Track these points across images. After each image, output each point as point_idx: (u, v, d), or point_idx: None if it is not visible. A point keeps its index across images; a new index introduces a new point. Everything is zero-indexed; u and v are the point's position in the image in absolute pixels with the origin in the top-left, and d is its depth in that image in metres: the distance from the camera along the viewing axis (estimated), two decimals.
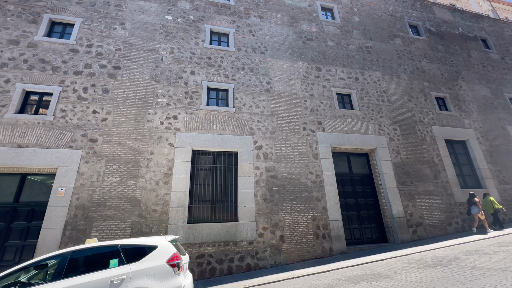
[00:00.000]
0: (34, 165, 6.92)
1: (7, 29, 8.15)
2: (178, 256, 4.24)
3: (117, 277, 3.79)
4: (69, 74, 8.09)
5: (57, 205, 6.67)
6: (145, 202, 7.19)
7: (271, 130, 9.08)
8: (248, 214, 7.73)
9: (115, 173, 7.28)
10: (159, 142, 7.92)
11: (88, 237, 6.54)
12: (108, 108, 7.95)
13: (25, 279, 3.94)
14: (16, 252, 6.52)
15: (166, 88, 8.70)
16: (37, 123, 7.31)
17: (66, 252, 4.00)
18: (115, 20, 9.26)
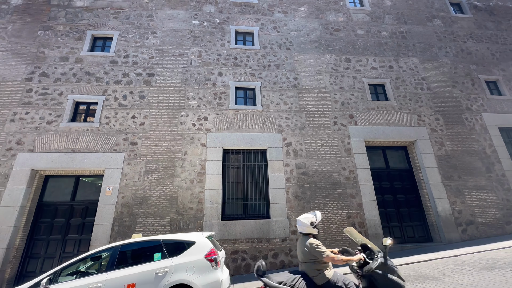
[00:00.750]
0: (86, 167, 7.72)
1: (58, 48, 9.17)
2: (215, 251, 4.41)
3: (161, 269, 4.06)
4: (110, 83, 8.83)
5: (106, 203, 7.36)
6: (182, 200, 7.58)
7: (300, 126, 8.93)
8: (280, 212, 7.72)
9: (153, 173, 7.80)
10: (192, 142, 8.28)
11: (133, 232, 7.11)
12: (145, 113, 8.53)
13: (84, 268, 4.42)
14: (74, 244, 7.36)
15: (196, 90, 9.05)
16: (86, 130, 8.12)
17: (117, 246, 4.40)
18: (147, 30, 9.86)
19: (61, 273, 4.16)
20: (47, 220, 7.53)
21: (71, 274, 4.26)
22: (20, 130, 7.89)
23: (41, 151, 7.72)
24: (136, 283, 3.93)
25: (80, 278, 4.11)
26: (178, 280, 3.96)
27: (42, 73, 8.70)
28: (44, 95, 8.42)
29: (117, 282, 3.93)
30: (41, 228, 7.46)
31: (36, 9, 9.71)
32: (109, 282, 3.94)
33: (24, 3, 9.75)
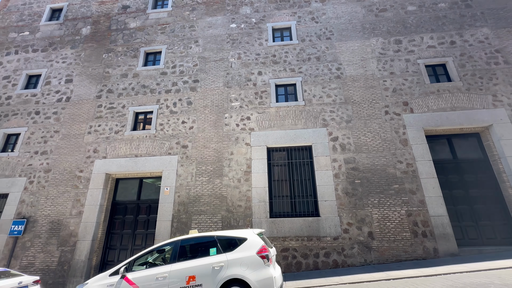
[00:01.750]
0: (147, 170, 8.65)
1: (119, 66, 10.47)
2: (266, 248, 4.47)
3: (217, 264, 4.31)
4: (162, 93, 9.71)
5: (165, 202, 8.14)
6: (231, 198, 7.91)
7: (347, 119, 8.42)
8: (329, 209, 7.43)
9: (204, 174, 8.31)
10: (236, 142, 8.56)
11: (189, 228, 7.71)
12: (193, 118, 9.14)
13: (151, 259, 4.97)
14: (142, 238, 8.33)
15: (237, 92, 9.31)
16: (145, 137, 9.10)
17: (177, 240, 4.83)
18: (190, 40, 10.53)
19: (134, 263, 4.75)
20: (119, 217, 8.70)
21: (141, 264, 4.83)
22: (95, 140, 9.28)
23: (112, 157, 8.94)
24: (196, 275, 4.25)
25: (149, 268, 4.63)
26: (233, 274, 4.14)
27: (108, 90, 10.06)
28: (111, 109, 9.72)
29: (180, 273, 4.30)
30: (116, 223, 8.65)
31: (100, 35, 11.27)
32: (173, 273, 4.34)
33: (91, 32, 11.41)
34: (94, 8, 11.96)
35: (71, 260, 7.81)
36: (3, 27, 12.18)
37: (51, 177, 8.91)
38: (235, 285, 4.17)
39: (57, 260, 7.88)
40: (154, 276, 4.39)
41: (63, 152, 9.23)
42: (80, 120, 9.66)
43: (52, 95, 10.27)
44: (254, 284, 4.06)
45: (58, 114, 9.87)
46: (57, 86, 10.39)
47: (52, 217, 8.39)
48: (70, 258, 7.84)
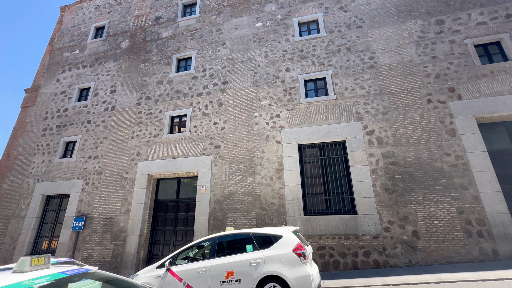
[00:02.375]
0: (184, 170, 9.16)
1: (154, 74, 11.22)
2: (302, 246, 4.44)
3: (254, 260, 4.40)
4: (194, 97, 10.17)
5: (201, 200, 8.54)
6: (264, 196, 7.99)
7: (383, 110, 7.92)
8: (367, 206, 7.08)
9: (237, 172, 8.52)
10: (267, 141, 8.61)
11: (225, 225, 7.98)
12: (224, 118, 9.41)
13: (192, 254, 5.26)
14: (182, 234, 8.86)
15: (266, 90, 9.34)
16: (180, 139, 9.64)
17: (215, 237, 5.05)
18: (218, 43, 10.84)
19: (177, 257, 5.09)
20: (162, 214, 9.37)
21: (183, 258, 5.15)
22: (137, 144, 10.10)
23: (153, 159, 9.65)
24: (234, 270, 4.40)
25: (191, 263, 4.92)
26: (270, 271, 4.20)
27: (146, 97, 10.86)
28: (149, 114, 10.47)
29: (219, 268, 4.50)
30: (159, 220, 9.33)
31: (137, 47, 12.19)
32: (213, 267, 4.56)
33: (130, 44, 12.40)
34: (130, 22, 12.98)
35: (123, 253, 8.64)
36: (59, 49, 13.87)
37: (102, 178, 9.94)
38: (272, 282, 4.22)
39: (111, 253, 8.78)
40: (196, 270, 4.65)
41: (111, 156, 10.23)
42: (124, 126, 10.60)
43: (100, 105, 11.42)
44: (292, 282, 4.07)
45: (106, 122, 10.95)
46: (103, 97, 11.53)
47: (105, 215, 9.36)
48: (122, 251, 8.67)
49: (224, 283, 4.39)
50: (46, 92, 12.79)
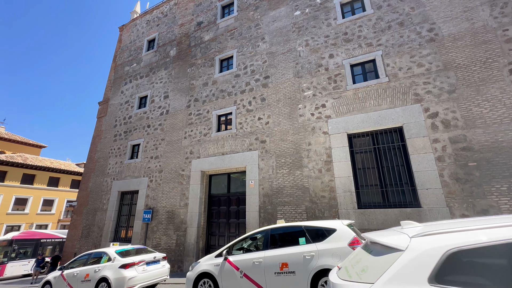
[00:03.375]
0: (232, 166, 9.57)
1: (200, 77, 11.92)
2: (359, 240, 4.22)
3: (308, 253, 4.37)
4: (238, 94, 10.47)
5: (251, 194, 8.81)
6: (313, 189, 7.82)
7: (449, 89, 6.88)
8: (434, 199, 6.30)
9: (284, 166, 8.52)
10: (313, 132, 8.35)
11: (276, 219, 8.09)
12: (268, 113, 9.46)
13: (246, 245, 5.50)
14: (235, 227, 9.32)
15: (309, 80, 9.04)
16: (227, 136, 10.07)
17: (267, 229, 5.17)
18: (257, 38, 10.88)
19: (233, 248, 5.39)
20: (215, 208, 10.00)
21: (239, 249, 5.43)
22: (190, 143, 10.94)
23: (204, 157, 10.34)
24: (288, 262, 4.45)
25: (245, 253, 5.16)
26: (325, 265, 4.12)
27: (194, 99, 11.63)
28: (199, 115, 11.21)
29: (274, 260, 4.60)
30: (213, 213, 9.99)
31: (183, 53, 13.10)
32: (267, 258, 4.69)
33: (177, 52, 13.40)
34: (176, 31, 13.99)
35: (184, 242, 9.55)
36: (120, 64, 15.85)
37: (163, 176, 11.10)
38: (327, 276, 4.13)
39: (175, 242, 9.79)
40: (251, 261, 4.86)
41: (169, 155, 11.32)
42: (177, 128, 11.59)
43: (156, 110, 12.70)
44: None
45: (162, 125, 12.14)
46: (159, 103, 12.78)
47: (168, 208, 10.45)
48: (184, 241, 9.59)
49: (279, 274, 4.47)
50: (114, 103, 14.81)
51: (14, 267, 15.20)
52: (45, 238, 17.07)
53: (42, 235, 17.12)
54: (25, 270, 15.56)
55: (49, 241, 17.19)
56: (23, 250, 15.90)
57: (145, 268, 6.51)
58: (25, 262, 15.65)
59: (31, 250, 16.16)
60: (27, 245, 16.14)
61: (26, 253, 15.97)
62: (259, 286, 4.64)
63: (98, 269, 6.38)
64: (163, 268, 6.99)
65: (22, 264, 15.53)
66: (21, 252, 15.81)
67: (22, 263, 15.56)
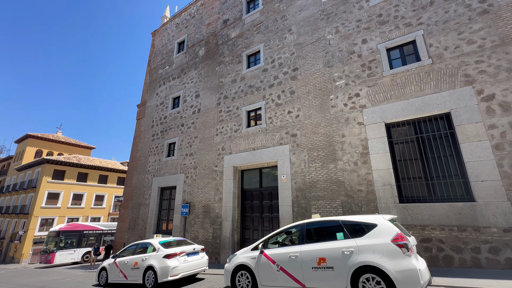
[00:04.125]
0: (264, 161, 9.61)
1: (228, 74, 12.09)
2: (403, 236, 3.95)
3: (346, 248, 4.21)
4: (266, 89, 10.41)
5: (283, 188, 8.77)
6: (349, 183, 7.49)
7: (508, 66, 6.00)
8: (490, 192, 5.61)
9: (316, 159, 8.30)
10: (347, 124, 7.97)
11: (309, 213, 7.96)
12: (298, 106, 9.26)
13: (281, 239, 5.50)
14: (269, 221, 9.39)
15: (340, 69, 8.61)
16: (257, 131, 10.11)
17: (302, 224, 5.10)
18: (284, 30, 10.65)
19: (268, 241, 5.43)
20: (248, 202, 10.18)
21: (274, 243, 5.45)
22: (222, 140, 11.23)
23: (235, 152, 10.54)
24: (326, 257, 4.34)
25: (281, 247, 5.16)
26: (366, 261, 3.93)
27: (224, 97, 11.87)
28: (229, 112, 11.42)
29: (310, 254, 4.53)
30: (246, 208, 10.18)
31: (212, 52, 13.40)
32: (304, 253, 4.63)
33: (206, 51, 13.76)
34: (204, 31, 14.34)
35: (220, 235, 9.91)
36: (154, 68, 16.80)
37: (198, 172, 11.59)
38: (369, 273, 3.94)
39: (211, 235, 10.22)
40: (287, 255, 4.85)
41: (202, 152, 11.76)
42: (209, 126, 11.96)
43: (189, 109, 13.24)
44: (394, 275, 3.68)
45: (195, 123, 12.63)
46: (191, 102, 13.30)
47: (203, 203, 10.92)
48: (219, 234, 9.96)
49: (317, 269, 4.40)
50: (150, 105, 15.81)
51: (62, 255, 17.26)
52: (87, 230, 19.05)
53: (84, 227, 19.16)
54: (72, 259, 17.65)
55: (90, 232, 19.14)
56: (69, 241, 17.94)
57: (186, 258, 6.90)
58: (71, 252, 17.71)
59: (76, 240, 18.17)
60: (72, 236, 18.17)
61: (72, 243, 18.01)
62: (296, 280, 4.62)
63: (145, 258, 6.94)
64: (202, 259, 7.34)
65: (69, 253, 17.58)
66: (68, 242, 17.86)
67: (69, 252, 17.62)
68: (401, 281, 3.65)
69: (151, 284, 6.56)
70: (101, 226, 19.93)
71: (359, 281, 3.96)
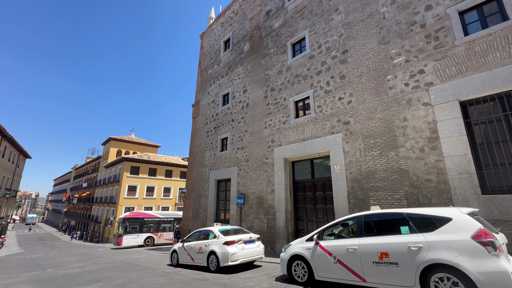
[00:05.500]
0: (315, 151, 9.34)
1: (274, 66, 12.02)
2: (487, 233, 3.36)
3: (414, 244, 3.81)
4: (314, 76, 10.00)
5: (337, 179, 8.39)
6: (414, 172, 6.70)
7: None
8: None
9: (373, 147, 7.65)
10: (409, 106, 7.07)
11: (367, 205, 7.44)
12: (349, 91, 8.64)
13: (337, 231, 5.31)
14: (323, 212, 9.16)
15: (398, 44, 7.63)
16: (307, 121, 9.85)
17: (360, 216, 4.82)
18: (329, 12, 9.96)
19: (323, 233, 5.33)
20: (301, 193, 10.10)
21: (329, 234, 5.31)
22: (271, 132, 11.34)
23: (285, 144, 10.52)
24: (389, 252, 4.02)
25: (337, 240, 5.00)
26: (439, 259, 3.49)
27: (271, 89, 11.89)
28: (276, 104, 11.41)
29: (370, 248, 4.27)
30: (299, 199, 10.13)
31: (256, 45, 13.50)
32: (363, 246, 4.39)
33: (250, 46, 13.95)
34: (247, 26, 14.51)
35: (274, 226, 10.15)
36: (204, 68, 17.89)
37: (249, 165, 12.02)
38: (443, 272, 3.49)
39: (266, 225, 10.55)
40: (344, 247, 4.67)
41: (253, 145, 12.12)
42: (257, 119, 12.21)
43: (237, 105, 13.74)
44: (476, 277, 3.18)
45: (244, 118, 13.06)
46: (239, 98, 13.77)
47: (256, 194, 11.31)
48: (274, 224, 10.20)
49: (378, 264, 4.12)
50: (203, 104, 16.98)
51: (128, 239, 20.22)
52: (147, 217, 21.76)
53: (144, 215, 21.92)
54: (136, 242, 20.48)
55: (150, 219, 21.80)
56: (133, 227, 20.81)
57: (244, 246, 7.33)
58: (134, 236, 20.57)
59: (138, 226, 20.99)
60: (135, 222, 21.04)
61: (135, 229, 20.85)
62: (355, 273, 4.43)
63: (208, 244, 7.65)
64: (259, 247, 7.68)
65: (133, 237, 20.46)
66: (132, 228, 20.73)
67: (133, 236, 20.50)
68: (487, 285, 3.13)
69: (214, 267, 7.21)
70: (158, 215, 22.58)
71: (430, 280, 3.56)
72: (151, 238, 21.04)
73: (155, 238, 21.30)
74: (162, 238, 21.54)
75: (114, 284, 6.35)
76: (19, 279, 8.05)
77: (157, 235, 21.43)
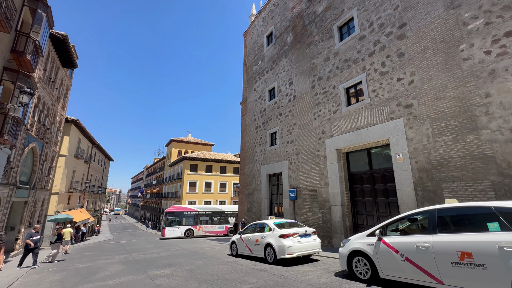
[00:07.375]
0: (371, 140, 8.60)
1: (320, 53, 11.44)
2: None
3: (507, 244, 3.18)
4: (366, 59, 9.15)
5: (400, 170, 7.56)
6: (503, 157, 5.54)
7: None
8: None
9: (445, 131, 6.61)
10: (493, 78, 5.84)
11: (439, 197, 6.51)
12: (411, 70, 7.62)
13: (402, 227, 4.80)
14: (385, 206, 8.40)
15: (474, 5, 6.34)
16: (360, 109, 9.11)
17: (432, 210, 4.24)
18: None
19: (387, 228, 4.89)
20: (358, 186, 9.46)
21: (393, 230, 4.84)
22: (320, 124, 10.90)
23: (337, 134, 9.98)
24: (472, 252, 3.45)
25: (403, 236, 4.52)
26: None
27: (318, 78, 11.38)
28: (324, 93, 10.88)
29: (447, 247, 3.73)
30: (356, 192, 9.51)
31: (299, 35, 13.06)
32: (437, 244, 3.86)
33: (293, 36, 13.58)
34: (289, 16, 14.14)
35: (330, 220, 9.79)
36: (249, 66, 18.23)
37: (300, 158, 11.83)
38: None
39: (321, 219, 10.27)
40: (413, 244, 4.20)
41: (302, 138, 11.87)
42: (306, 111, 11.87)
43: (284, 98, 13.60)
44: None
45: (292, 111, 12.87)
46: (285, 91, 13.61)
47: (309, 187, 11.08)
48: (329, 219, 9.85)
49: (459, 265, 3.57)
50: (250, 101, 17.37)
51: (170, 231, 21.71)
52: (186, 211, 23.06)
53: (184, 209, 23.23)
54: (177, 234, 21.87)
55: (189, 213, 23.00)
56: (173, 220, 22.31)
57: (299, 239, 7.29)
58: (175, 228, 21.97)
59: (178, 219, 22.42)
60: (175, 215, 22.51)
61: (176, 221, 22.28)
62: (429, 274, 3.94)
63: (264, 236, 7.88)
64: (315, 241, 7.54)
65: (174, 230, 21.88)
66: (173, 221, 22.24)
67: (174, 228, 21.92)
68: None
69: (271, 259, 7.40)
70: (196, 208, 23.72)
71: None
72: (191, 230, 22.37)
73: (195, 230, 22.48)
74: (201, 230, 22.68)
75: (185, 269, 7.13)
76: (113, 260, 9.77)
77: (196, 227, 22.60)
